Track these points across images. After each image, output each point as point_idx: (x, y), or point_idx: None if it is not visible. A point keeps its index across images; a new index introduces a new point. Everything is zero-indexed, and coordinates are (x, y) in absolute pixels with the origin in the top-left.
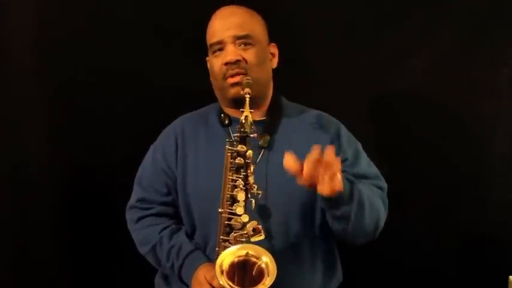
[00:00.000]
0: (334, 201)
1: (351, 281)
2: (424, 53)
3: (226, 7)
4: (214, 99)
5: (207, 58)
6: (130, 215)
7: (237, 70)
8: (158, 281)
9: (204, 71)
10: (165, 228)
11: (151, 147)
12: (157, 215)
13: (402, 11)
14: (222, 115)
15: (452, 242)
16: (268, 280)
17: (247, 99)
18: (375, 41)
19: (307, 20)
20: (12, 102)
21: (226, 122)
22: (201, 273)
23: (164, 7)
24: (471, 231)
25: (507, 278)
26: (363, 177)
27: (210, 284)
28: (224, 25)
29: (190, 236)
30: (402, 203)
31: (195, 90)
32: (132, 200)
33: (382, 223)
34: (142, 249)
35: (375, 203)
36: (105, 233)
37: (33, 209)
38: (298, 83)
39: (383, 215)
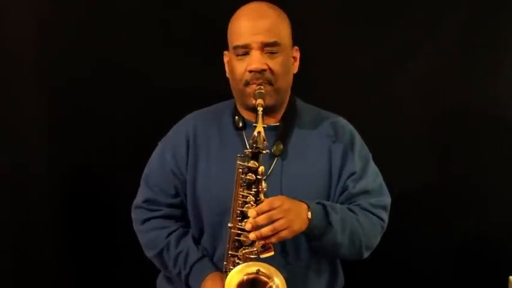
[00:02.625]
0: (305, 235)
1: (351, 281)
2: (425, 53)
3: (255, 5)
4: (218, 100)
5: (225, 52)
6: (136, 215)
7: (261, 80)
8: (161, 282)
9: (206, 71)
10: (172, 233)
11: (160, 143)
12: (164, 217)
13: (402, 11)
14: (237, 117)
15: (452, 242)
16: None
17: (260, 113)
18: (376, 40)
19: (309, 20)
20: (12, 102)
21: (240, 125)
22: (208, 285)
23: (166, 6)
24: (471, 231)
25: (507, 278)
26: (366, 192)
27: None
28: (253, 29)
29: (198, 240)
30: (402, 204)
31: (197, 90)
32: (139, 200)
33: (370, 245)
34: (149, 253)
35: (358, 234)
36: (106, 233)
37: (33, 209)
38: (298, 83)
39: (373, 241)
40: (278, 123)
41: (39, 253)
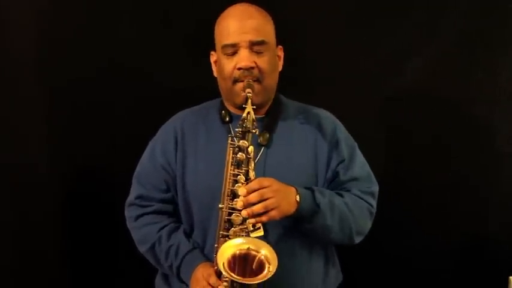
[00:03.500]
0: (295, 218)
1: (351, 281)
2: (424, 54)
3: (242, 6)
4: (214, 99)
5: (212, 52)
6: (129, 213)
7: (249, 77)
8: (158, 281)
9: (205, 71)
10: (163, 227)
11: (150, 143)
12: (156, 212)
13: (403, 11)
14: (223, 112)
15: (452, 242)
16: (272, 267)
17: (250, 96)
18: (376, 41)
19: (308, 19)
20: (12, 102)
21: (227, 119)
22: (199, 272)
23: (165, 6)
24: (471, 231)
25: (507, 278)
26: (355, 179)
27: (207, 282)
28: (241, 28)
29: (189, 234)
30: (402, 203)
31: (196, 90)
32: (131, 197)
33: (361, 230)
34: (142, 248)
35: (347, 216)
36: (105, 233)
37: (33, 209)
38: (299, 83)
39: (362, 225)
40: (263, 115)
41: (39, 253)
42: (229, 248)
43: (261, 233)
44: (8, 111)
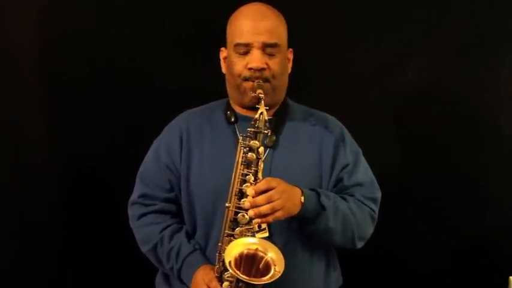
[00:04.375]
0: (298, 219)
1: (351, 281)
2: (424, 54)
3: (256, 6)
4: (216, 99)
5: (222, 48)
6: (132, 211)
7: (259, 78)
8: (159, 280)
9: (206, 71)
10: (166, 228)
11: (155, 142)
12: (160, 212)
13: (403, 12)
14: (229, 112)
15: (452, 242)
16: (278, 268)
17: (262, 96)
18: (377, 42)
19: (309, 21)
20: (12, 102)
21: (233, 119)
22: (200, 276)
23: (165, 6)
24: (471, 231)
25: (507, 278)
26: (358, 185)
27: (208, 286)
28: (255, 29)
29: (192, 235)
30: (403, 203)
31: (197, 90)
32: (134, 196)
33: (363, 235)
34: (144, 248)
35: (349, 220)
36: (105, 233)
37: (33, 209)
38: (301, 84)
39: (364, 230)
40: (271, 117)
41: (39, 253)
42: (237, 246)
43: (266, 233)
44: (8, 111)
